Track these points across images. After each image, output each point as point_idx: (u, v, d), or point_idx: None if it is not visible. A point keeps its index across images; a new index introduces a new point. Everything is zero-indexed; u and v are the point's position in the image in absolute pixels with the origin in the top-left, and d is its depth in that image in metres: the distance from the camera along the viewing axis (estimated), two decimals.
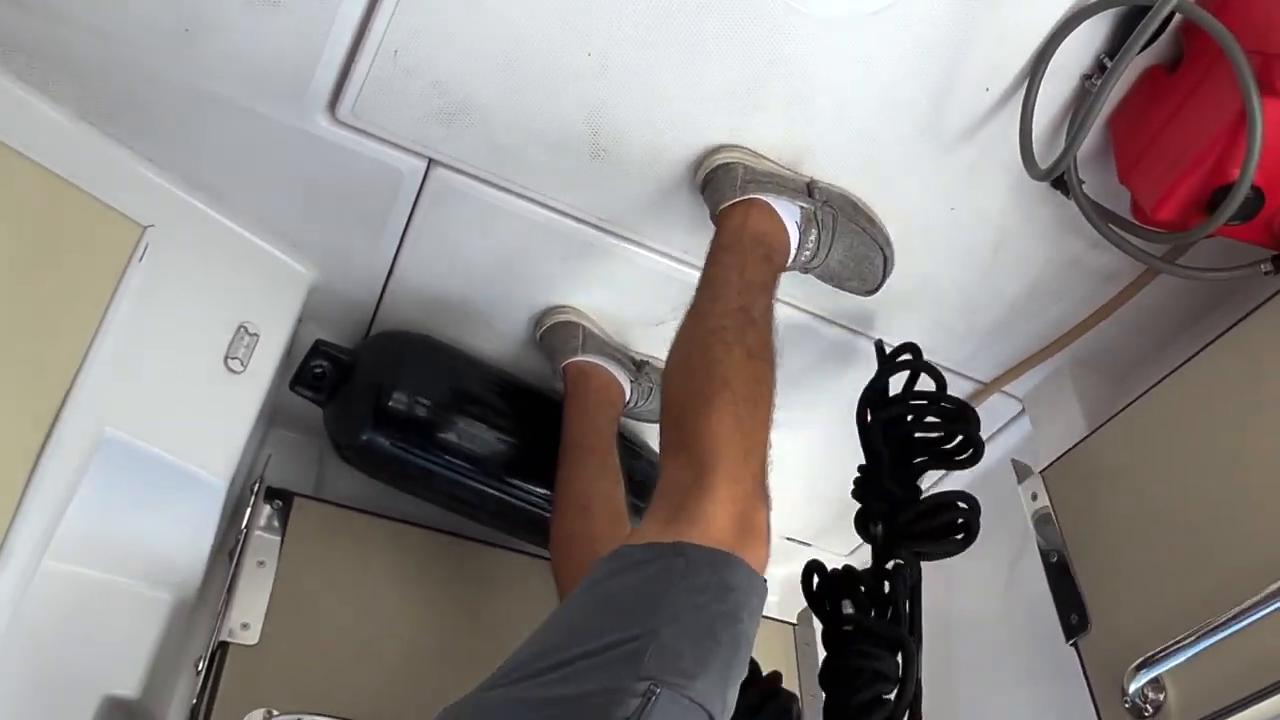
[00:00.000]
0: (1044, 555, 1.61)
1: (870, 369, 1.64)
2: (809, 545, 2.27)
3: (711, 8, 1.31)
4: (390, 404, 1.65)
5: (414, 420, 1.66)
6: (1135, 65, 1.37)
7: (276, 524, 1.66)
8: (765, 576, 1.15)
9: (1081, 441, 1.63)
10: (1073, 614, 1.52)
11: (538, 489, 1.74)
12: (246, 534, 1.61)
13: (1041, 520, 1.63)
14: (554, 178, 1.52)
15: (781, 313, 1.41)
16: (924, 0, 1.30)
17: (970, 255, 1.63)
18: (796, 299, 1.71)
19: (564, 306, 1.73)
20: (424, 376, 1.70)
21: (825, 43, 1.34)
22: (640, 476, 1.77)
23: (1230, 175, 1.24)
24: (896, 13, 1.31)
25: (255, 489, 1.66)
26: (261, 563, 1.60)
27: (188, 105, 1.44)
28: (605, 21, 1.33)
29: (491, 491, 1.74)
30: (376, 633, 1.64)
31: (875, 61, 1.36)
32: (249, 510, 1.62)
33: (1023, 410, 1.88)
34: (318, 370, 1.67)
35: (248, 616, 1.54)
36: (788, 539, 2.24)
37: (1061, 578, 1.57)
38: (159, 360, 1.40)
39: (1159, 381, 1.53)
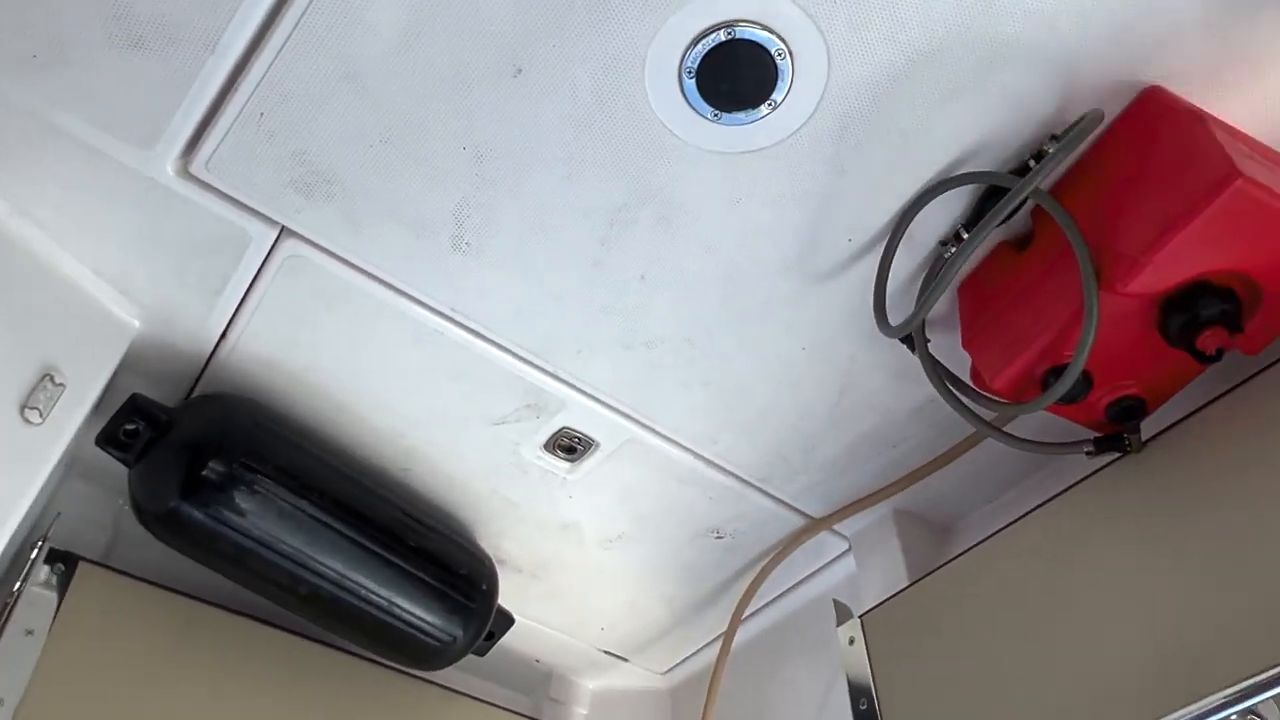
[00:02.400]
0: (853, 699, 1.61)
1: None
2: (626, 660, 2.23)
3: (595, 127, 1.31)
4: (205, 472, 1.54)
5: (228, 493, 1.55)
6: (988, 239, 1.43)
7: (55, 589, 1.52)
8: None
9: (901, 591, 1.65)
10: None
11: (356, 580, 1.65)
12: (17, 598, 1.46)
13: (855, 664, 1.64)
14: (412, 264, 1.47)
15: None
16: (798, 149, 1.33)
17: (816, 394, 1.65)
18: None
19: None
20: (246, 445, 1.60)
21: (701, 173, 1.36)
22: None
23: (1064, 358, 1.29)
24: (771, 155, 1.34)
25: (36, 548, 1.52)
26: (30, 631, 1.46)
27: (25, 132, 1.33)
28: (486, 121, 1.31)
29: (306, 577, 1.63)
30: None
31: (746, 198, 1.38)
32: (25, 571, 1.48)
33: (849, 549, 1.91)
34: (130, 429, 1.55)
35: (3, 691, 1.39)
36: (605, 652, 2.20)
37: None
38: None
39: (980, 543, 1.58)
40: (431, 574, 1.72)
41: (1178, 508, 1.35)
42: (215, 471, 1.54)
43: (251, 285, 1.51)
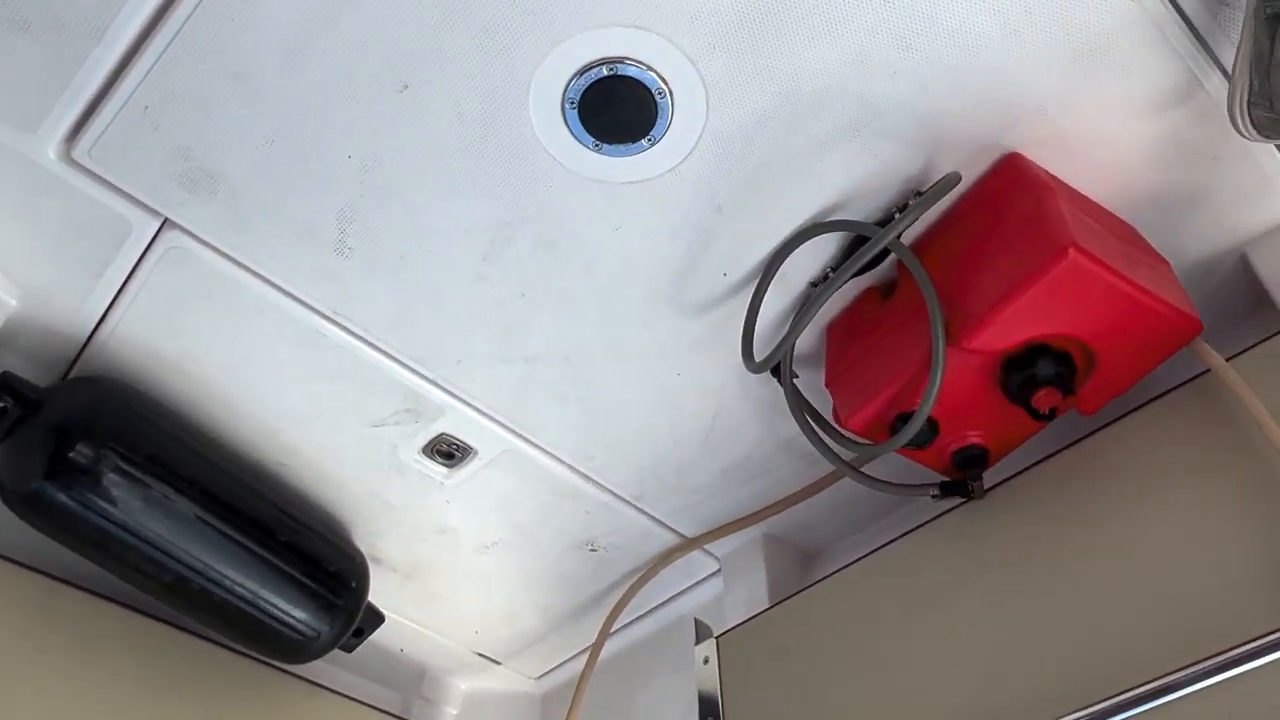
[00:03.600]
0: (702, 718, 1.66)
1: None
2: (499, 664, 2.25)
3: (479, 147, 1.34)
4: (71, 455, 1.53)
5: (94, 477, 1.55)
6: (856, 284, 1.49)
7: None
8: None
9: (759, 614, 1.71)
10: None
11: (221, 571, 1.65)
12: None
13: (707, 683, 1.69)
14: (294, 264, 1.49)
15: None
16: (677, 184, 1.37)
17: (690, 419, 1.70)
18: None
19: None
20: (117, 430, 1.59)
21: (582, 199, 1.39)
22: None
23: (912, 404, 1.35)
24: (648, 188, 1.38)
25: None
26: None
27: None
28: (370, 132, 1.33)
29: (171, 566, 1.63)
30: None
31: (626, 226, 1.42)
32: None
33: (719, 570, 1.96)
34: None
35: None
36: (479, 654, 2.22)
37: None
38: None
39: (834, 572, 1.63)
40: (300, 569, 1.73)
41: (1011, 555, 1.42)
42: (82, 454, 1.53)
43: (132, 273, 1.51)
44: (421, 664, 2.24)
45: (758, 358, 1.47)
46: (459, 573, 2.03)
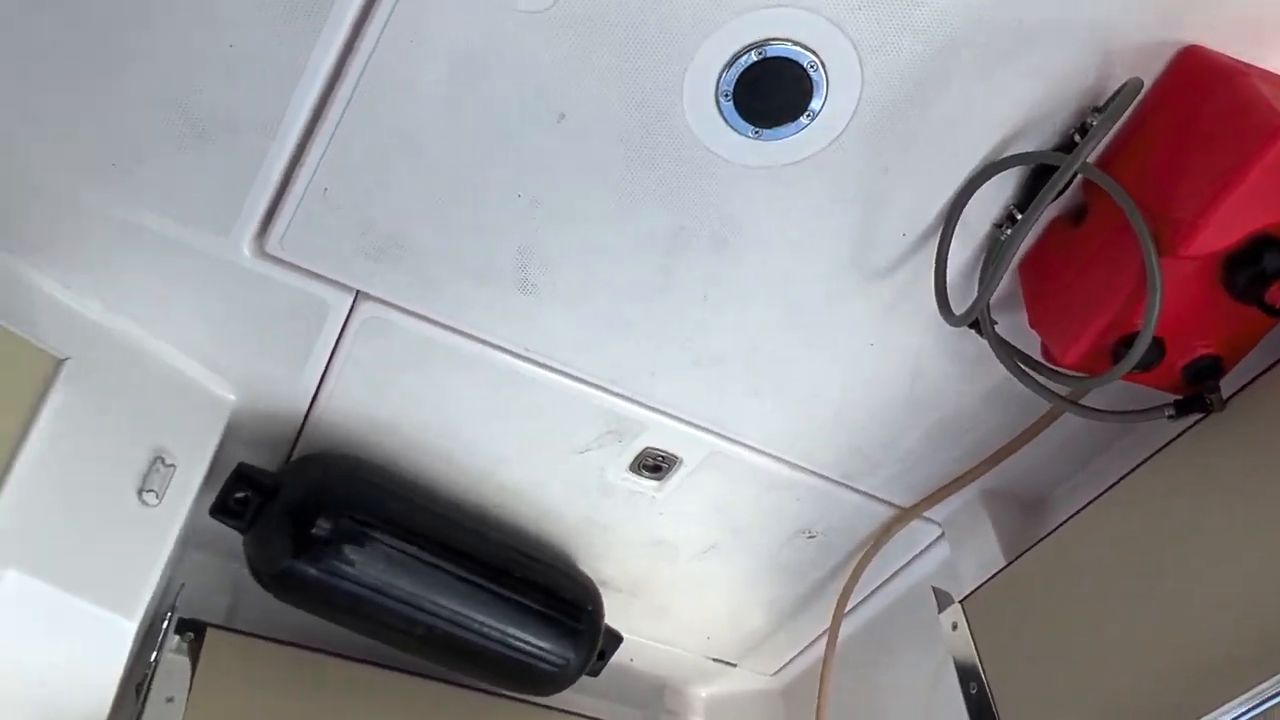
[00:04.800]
0: (963, 684, 1.62)
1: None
2: (734, 665, 2.26)
3: (641, 159, 1.35)
4: (314, 531, 1.62)
5: (338, 547, 1.63)
6: (1042, 217, 1.43)
7: (187, 655, 1.61)
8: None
9: (1000, 572, 1.66)
10: None
11: (468, 615, 1.71)
12: (155, 668, 1.55)
13: (961, 649, 1.65)
14: (482, 311, 1.53)
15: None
16: (841, 154, 1.35)
17: (888, 388, 1.67)
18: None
19: None
20: (350, 500, 1.67)
21: (749, 190, 1.39)
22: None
23: (1132, 326, 1.29)
24: (813, 164, 1.36)
25: (166, 620, 1.61)
26: (170, 699, 1.55)
27: (111, 234, 1.43)
28: (536, 168, 1.36)
29: (421, 619, 1.70)
30: None
31: (796, 208, 1.41)
32: (159, 643, 1.57)
33: (942, 534, 1.92)
34: (239, 497, 1.64)
35: None
36: (713, 660, 2.23)
37: (980, 708, 1.58)
38: (70, 496, 1.36)
39: (1071, 516, 1.58)
40: (539, 601, 1.78)
41: (1266, 463, 1.34)
42: (323, 528, 1.61)
43: (335, 348, 1.58)
44: (660, 678, 2.27)
45: (956, 311, 1.43)
46: (680, 583, 2.05)
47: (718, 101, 1.30)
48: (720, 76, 1.28)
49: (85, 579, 1.34)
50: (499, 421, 1.69)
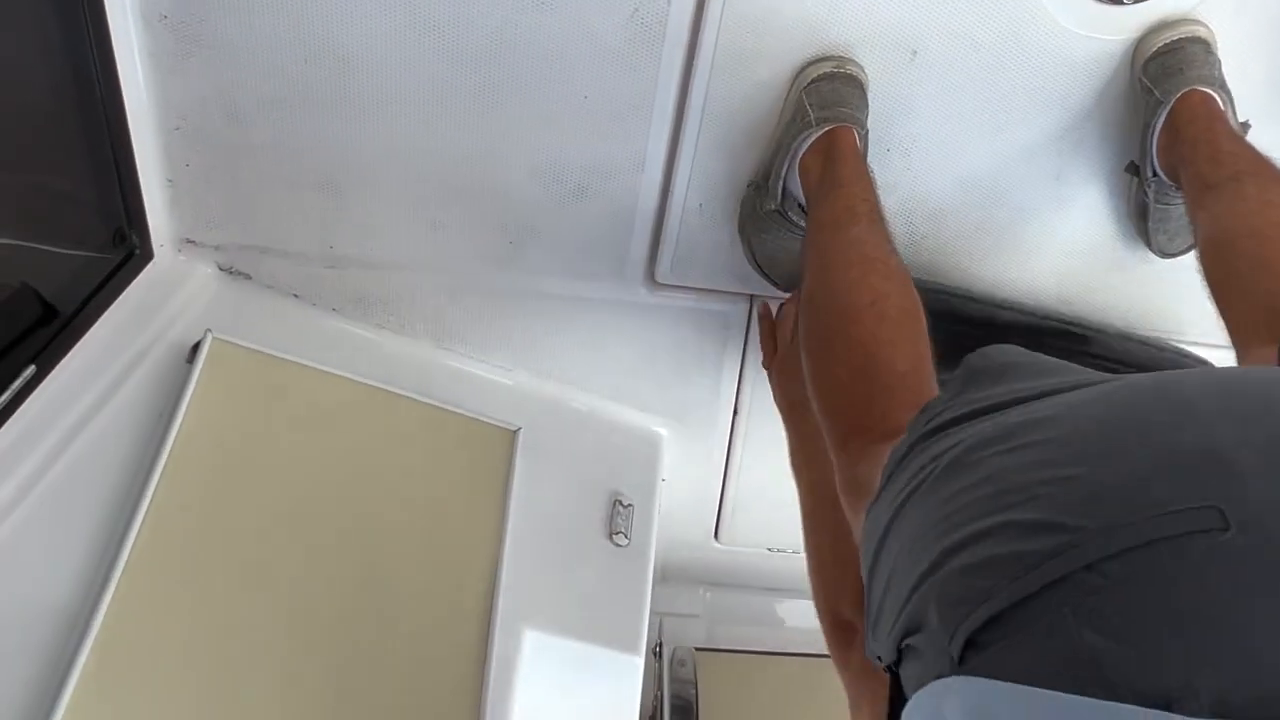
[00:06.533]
0: None
1: None
2: None
3: (1007, 67, 1.29)
4: None
5: None
6: None
7: (690, 679, 1.67)
8: None
9: None
10: None
11: None
12: (661, 698, 1.62)
13: None
14: None
15: None
16: None
17: None
18: None
19: None
20: None
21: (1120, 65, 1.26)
22: None
23: None
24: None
25: (657, 651, 1.68)
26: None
27: (522, 309, 1.53)
28: (901, 117, 1.31)
29: None
30: None
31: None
32: (660, 673, 1.65)
33: None
34: None
35: None
36: None
37: None
38: (553, 551, 1.46)
39: None
40: None
41: None
42: None
43: (743, 358, 1.60)
44: None
45: None
46: None
47: None
48: None
49: (586, 624, 1.42)
50: None
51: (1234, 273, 1.05)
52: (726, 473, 1.80)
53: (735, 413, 1.68)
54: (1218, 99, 1.20)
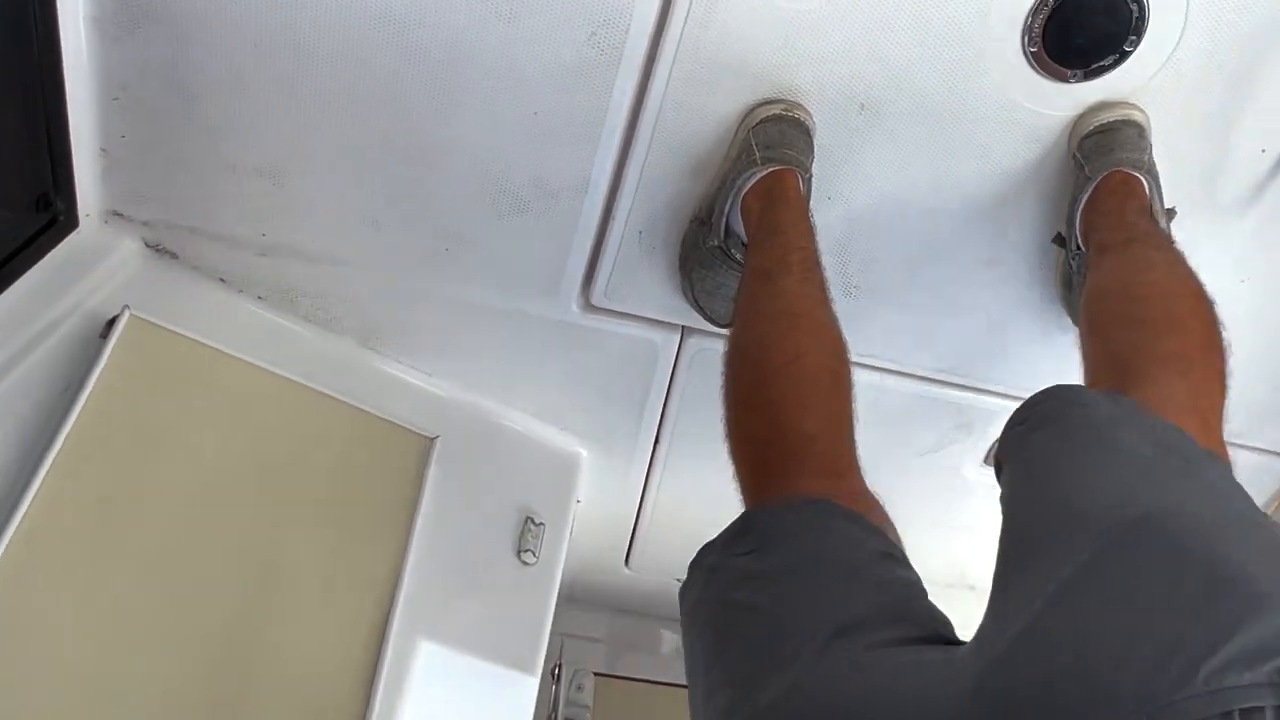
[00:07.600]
0: None
1: None
2: None
3: (951, 132, 1.30)
4: None
5: None
6: None
7: (586, 704, 1.66)
8: None
9: None
10: None
11: None
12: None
13: None
14: None
15: None
16: (1175, 77, 1.23)
17: (1270, 324, 1.49)
18: None
19: None
20: None
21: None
22: None
23: None
24: (1146, 94, 1.25)
25: (555, 673, 1.67)
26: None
27: (452, 317, 1.52)
28: (848, 176, 1.33)
29: None
30: None
31: None
32: (555, 695, 1.63)
33: None
34: None
35: None
36: None
37: None
38: (458, 564, 1.44)
39: None
40: None
41: None
42: None
43: (670, 388, 1.60)
44: None
45: None
46: None
47: (1024, 52, 1.22)
48: (1026, 24, 1.20)
49: (484, 640, 1.41)
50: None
51: (1100, 324, 1.12)
52: (643, 500, 1.80)
53: (657, 441, 1.68)
54: (1143, 181, 1.24)
